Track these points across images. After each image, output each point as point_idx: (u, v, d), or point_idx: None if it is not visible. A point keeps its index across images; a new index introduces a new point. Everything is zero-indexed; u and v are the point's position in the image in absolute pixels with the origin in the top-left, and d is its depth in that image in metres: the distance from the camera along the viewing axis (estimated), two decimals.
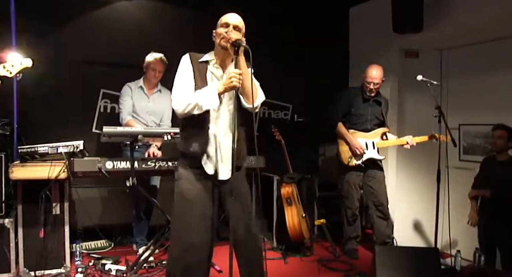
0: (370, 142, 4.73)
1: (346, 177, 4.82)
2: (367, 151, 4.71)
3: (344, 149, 4.79)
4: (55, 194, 3.98)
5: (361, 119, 4.77)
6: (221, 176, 2.94)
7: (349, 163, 4.73)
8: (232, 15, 2.89)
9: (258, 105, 2.93)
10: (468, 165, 4.98)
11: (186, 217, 2.90)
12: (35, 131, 4.53)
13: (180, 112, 2.85)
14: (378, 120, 4.80)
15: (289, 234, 4.78)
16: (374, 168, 4.79)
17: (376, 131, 4.77)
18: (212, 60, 2.96)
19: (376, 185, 4.75)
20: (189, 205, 2.90)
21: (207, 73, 2.94)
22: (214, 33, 2.92)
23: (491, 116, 4.65)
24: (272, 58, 5.42)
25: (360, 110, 4.78)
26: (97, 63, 5.07)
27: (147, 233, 4.77)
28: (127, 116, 4.55)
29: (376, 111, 4.79)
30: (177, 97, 2.86)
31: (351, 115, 4.81)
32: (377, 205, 4.73)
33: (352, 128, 4.79)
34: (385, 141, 4.77)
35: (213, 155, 2.91)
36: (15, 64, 3.33)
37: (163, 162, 4.08)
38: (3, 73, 3.30)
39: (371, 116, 4.77)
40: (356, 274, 4.18)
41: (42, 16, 4.76)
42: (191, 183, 2.93)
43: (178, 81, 2.93)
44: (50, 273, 3.92)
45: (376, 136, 4.76)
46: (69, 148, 3.81)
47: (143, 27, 5.28)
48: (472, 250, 4.15)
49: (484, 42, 4.92)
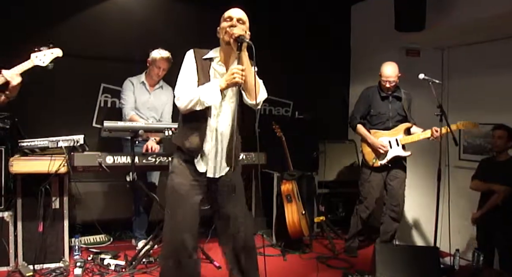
0: (394, 140, 4.60)
1: (370, 178, 4.71)
2: (391, 150, 4.59)
3: (367, 150, 4.71)
4: (54, 188, 3.97)
5: (382, 118, 4.67)
6: (215, 173, 2.95)
7: (374, 164, 4.64)
8: (235, 9, 2.88)
9: (260, 101, 2.91)
10: (468, 164, 4.97)
11: (177, 213, 2.91)
12: (35, 125, 4.52)
13: (183, 108, 2.84)
14: (401, 116, 4.66)
15: (289, 231, 4.78)
16: (398, 168, 4.66)
17: (398, 128, 4.64)
18: (216, 58, 2.95)
19: (396, 186, 4.64)
20: (179, 200, 2.91)
21: (210, 70, 2.93)
22: (218, 29, 2.90)
23: (492, 115, 4.63)
24: (273, 54, 5.41)
25: (380, 109, 4.67)
26: (98, 57, 5.06)
27: (146, 228, 4.77)
28: (130, 111, 4.54)
29: (397, 107, 4.67)
30: (180, 93, 2.86)
31: (371, 115, 4.73)
32: (393, 205, 4.64)
33: (374, 128, 4.70)
34: (409, 137, 4.61)
35: (209, 153, 2.91)
36: (47, 53, 3.45)
37: (163, 158, 4.08)
38: (37, 62, 3.40)
39: (393, 113, 4.65)
40: (355, 271, 4.17)
41: (44, 9, 4.75)
42: (184, 178, 2.93)
43: (181, 77, 2.93)
44: (49, 267, 3.92)
45: (398, 132, 4.63)
46: (69, 142, 3.80)
47: (145, 22, 5.27)
48: (471, 249, 4.15)
49: (486, 42, 4.90)
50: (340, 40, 6.35)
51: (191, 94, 2.79)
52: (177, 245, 2.89)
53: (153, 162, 4.04)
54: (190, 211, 2.91)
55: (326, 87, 6.12)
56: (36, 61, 3.39)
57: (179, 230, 2.89)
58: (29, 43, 3.45)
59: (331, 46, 6.17)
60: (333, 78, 6.18)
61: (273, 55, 5.42)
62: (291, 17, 6.04)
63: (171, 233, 2.93)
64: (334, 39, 6.24)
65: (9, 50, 3.63)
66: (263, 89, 2.96)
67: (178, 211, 2.91)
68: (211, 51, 2.98)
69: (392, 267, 3.75)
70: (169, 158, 4.06)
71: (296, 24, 6.06)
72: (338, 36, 6.33)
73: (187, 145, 2.90)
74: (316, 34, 6.12)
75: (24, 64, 3.35)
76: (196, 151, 2.90)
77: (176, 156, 3.01)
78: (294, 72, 5.97)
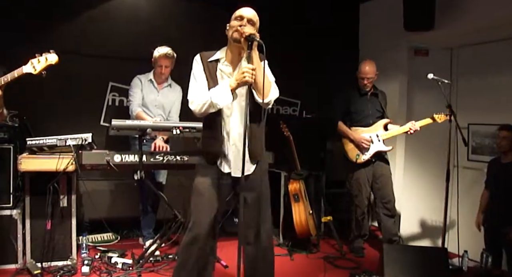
0: (374, 135, 4.69)
1: (355, 176, 4.78)
2: (372, 145, 4.67)
3: (349, 147, 4.76)
4: (62, 186, 3.99)
5: (362, 115, 4.76)
6: (236, 173, 2.92)
7: (357, 161, 4.70)
8: (246, 9, 2.87)
9: (271, 100, 2.90)
10: (477, 165, 4.95)
11: (196, 211, 2.93)
12: (44, 123, 4.55)
13: (197, 112, 2.86)
14: (379, 112, 4.79)
15: (296, 230, 4.77)
16: (381, 162, 4.75)
17: (378, 124, 4.74)
18: (222, 58, 2.95)
19: (383, 182, 4.72)
20: (199, 198, 2.93)
21: (217, 72, 2.93)
22: (227, 26, 2.89)
23: (500, 116, 4.60)
24: (281, 54, 5.39)
25: (360, 106, 4.77)
26: (106, 56, 5.08)
27: (154, 227, 4.78)
28: (137, 108, 4.55)
29: (375, 104, 4.79)
30: (192, 98, 2.88)
31: (351, 113, 4.80)
32: (384, 202, 4.70)
33: (355, 126, 4.77)
34: (389, 132, 4.72)
35: (228, 153, 2.92)
36: (41, 60, 3.18)
37: (171, 156, 4.07)
38: (28, 70, 3.13)
39: (372, 110, 4.76)
40: (363, 272, 4.15)
41: (52, 8, 4.77)
42: (205, 178, 2.95)
43: (192, 83, 2.95)
44: (56, 265, 3.94)
45: (378, 128, 4.73)
46: (77, 141, 3.81)
47: (152, 20, 5.27)
48: (479, 250, 4.13)
49: (495, 41, 4.88)
50: (348, 39, 6.33)
51: (203, 98, 2.80)
52: (195, 246, 2.90)
53: (160, 161, 4.03)
54: (208, 208, 2.92)
55: (334, 86, 6.09)
56: (27, 68, 3.13)
57: (199, 229, 2.89)
58: (37, 42, 3.47)
59: (339, 45, 6.15)
60: (341, 78, 6.15)
61: (280, 55, 5.41)
62: (299, 16, 6.03)
63: (191, 232, 2.93)
64: (342, 38, 6.21)
65: (14, 50, 3.61)
66: (275, 88, 2.94)
67: (197, 209, 2.93)
68: (217, 52, 2.98)
69: (400, 267, 3.73)
70: (177, 157, 4.06)
71: (305, 23, 6.05)
72: (347, 35, 6.30)
73: (207, 150, 2.95)
74: (324, 33, 6.10)
75: (12, 73, 3.12)
76: (216, 154, 2.92)
77: (200, 158, 3.04)
78: (302, 71, 5.95)
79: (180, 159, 4.06)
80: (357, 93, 4.80)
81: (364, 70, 4.67)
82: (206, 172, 2.96)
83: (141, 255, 4.19)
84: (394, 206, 4.74)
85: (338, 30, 6.18)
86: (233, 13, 2.89)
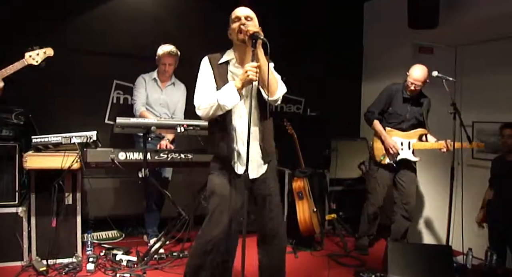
0: (406, 142, 4.60)
1: (376, 174, 4.74)
2: (401, 151, 4.59)
3: (378, 146, 4.71)
4: (67, 184, 4.01)
5: (398, 119, 4.65)
6: (254, 173, 2.91)
7: (381, 161, 4.66)
8: (240, 8, 2.85)
9: (279, 97, 2.88)
10: (481, 163, 4.94)
11: (215, 212, 2.87)
12: (49, 121, 4.57)
13: (205, 115, 2.83)
14: (417, 120, 4.63)
15: (300, 228, 4.76)
16: (407, 169, 4.66)
17: (415, 132, 4.62)
18: (232, 59, 2.92)
19: (407, 184, 4.65)
20: (220, 200, 2.87)
21: (228, 75, 2.90)
22: (229, 30, 2.88)
23: (505, 113, 4.60)
24: (285, 52, 5.39)
25: (399, 109, 4.64)
26: (110, 54, 5.08)
27: (158, 225, 4.79)
28: (141, 107, 4.56)
29: (415, 111, 4.63)
30: (199, 102, 2.84)
31: (388, 113, 4.70)
32: (404, 203, 4.64)
33: (388, 126, 4.68)
34: (423, 143, 4.60)
35: (241, 155, 2.88)
36: (40, 52, 3.50)
37: (175, 154, 4.08)
38: (31, 61, 3.46)
39: (410, 116, 4.62)
40: (367, 270, 4.15)
41: (56, 6, 4.78)
42: (221, 179, 2.91)
43: (198, 87, 2.91)
44: (61, 262, 3.95)
45: (414, 136, 4.62)
46: (82, 139, 3.82)
47: (157, 18, 5.28)
48: (484, 248, 4.13)
49: (499, 39, 4.87)
50: (352, 37, 6.32)
51: (210, 101, 2.77)
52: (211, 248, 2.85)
53: (165, 159, 4.04)
54: (232, 211, 2.88)
55: (338, 84, 6.09)
56: (29, 60, 3.46)
57: (219, 231, 2.84)
58: (42, 41, 3.49)
59: (343, 43, 6.14)
60: (345, 76, 6.15)
61: (284, 53, 5.41)
62: (304, 14, 6.02)
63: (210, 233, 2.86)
64: (347, 36, 6.20)
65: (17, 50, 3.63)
66: (282, 84, 2.92)
67: (217, 211, 2.86)
68: (225, 54, 2.95)
69: (404, 265, 3.73)
70: (181, 155, 4.07)
71: (309, 21, 6.05)
72: (351, 33, 6.29)
73: (220, 153, 2.90)
74: (328, 31, 6.10)
75: (15, 65, 3.41)
76: (229, 157, 2.88)
77: (214, 161, 2.99)
78: (306, 69, 5.95)
79: (185, 157, 4.07)
80: (401, 95, 4.63)
81: (414, 75, 4.45)
82: (222, 173, 2.91)
83: (146, 252, 4.20)
84: (412, 210, 4.69)
85: (342, 28, 6.17)
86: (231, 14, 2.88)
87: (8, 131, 3.92)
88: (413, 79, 4.45)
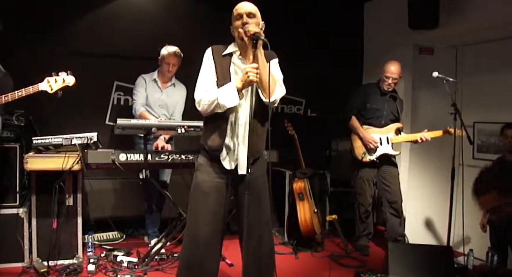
0: (384, 137, 4.68)
1: (360, 174, 4.80)
2: (381, 146, 4.67)
3: (357, 144, 4.76)
4: (68, 185, 4.01)
5: (377, 114, 4.74)
6: (239, 170, 2.89)
7: (363, 159, 4.70)
8: (242, 4, 2.82)
9: (276, 99, 2.87)
10: (482, 163, 4.90)
11: (198, 209, 2.87)
12: (50, 123, 4.57)
13: (203, 111, 2.83)
14: (393, 116, 4.76)
15: (301, 229, 4.77)
16: (388, 164, 4.75)
17: (390, 126, 4.73)
18: (237, 51, 2.90)
19: (390, 182, 4.71)
20: (203, 197, 2.87)
21: (231, 66, 2.88)
22: (231, 27, 2.87)
23: (506, 114, 4.59)
24: (285, 52, 5.38)
25: (377, 104, 4.75)
26: (111, 55, 5.09)
27: (159, 226, 4.80)
28: (141, 107, 4.56)
29: (392, 106, 4.76)
30: (199, 97, 2.83)
31: (366, 110, 4.78)
32: (390, 202, 4.69)
33: (366, 123, 4.77)
34: (400, 136, 4.73)
35: (231, 150, 2.87)
36: (58, 80, 3.39)
37: (175, 155, 4.08)
38: (44, 87, 3.33)
39: (387, 111, 4.73)
40: (368, 270, 4.15)
41: (57, 8, 4.78)
42: (208, 176, 2.89)
43: (199, 81, 2.90)
44: (62, 263, 3.95)
45: (390, 131, 4.72)
46: (83, 140, 3.82)
47: (157, 19, 5.29)
48: (485, 249, 4.12)
49: (500, 40, 4.86)
50: (352, 38, 6.31)
51: (210, 98, 2.76)
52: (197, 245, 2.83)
53: (165, 160, 4.04)
54: (213, 208, 2.86)
55: (339, 84, 6.09)
56: (43, 86, 3.34)
57: (200, 228, 2.83)
58: (42, 42, 3.49)
59: (343, 43, 6.14)
60: (346, 76, 6.14)
61: (285, 53, 5.40)
62: (304, 15, 6.03)
63: (190, 232, 2.87)
64: (347, 36, 6.19)
65: (19, 49, 3.63)
66: (281, 86, 2.91)
67: (200, 208, 2.86)
68: (230, 45, 2.93)
69: (405, 266, 3.72)
70: (182, 156, 4.07)
71: (309, 22, 6.05)
72: (351, 33, 6.29)
73: (209, 144, 2.88)
74: (328, 32, 6.09)
75: (28, 89, 3.30)
76: (219, 150, 2.86)
77: (201, 155, 2.98)
78: (307, 70, 5.94)
79: (185, 158, 4.07)
80: (378, 91, 4.77)
81: (389, 70, 4.62)
82: (209, 170, 2.90)
83: (147, 253, 4.20)
84: (400, 207, 4.72)
85: (343, 28, 6.16)
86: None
87: (9, 133, 3.92)
88: (389, 73, 4.62)
